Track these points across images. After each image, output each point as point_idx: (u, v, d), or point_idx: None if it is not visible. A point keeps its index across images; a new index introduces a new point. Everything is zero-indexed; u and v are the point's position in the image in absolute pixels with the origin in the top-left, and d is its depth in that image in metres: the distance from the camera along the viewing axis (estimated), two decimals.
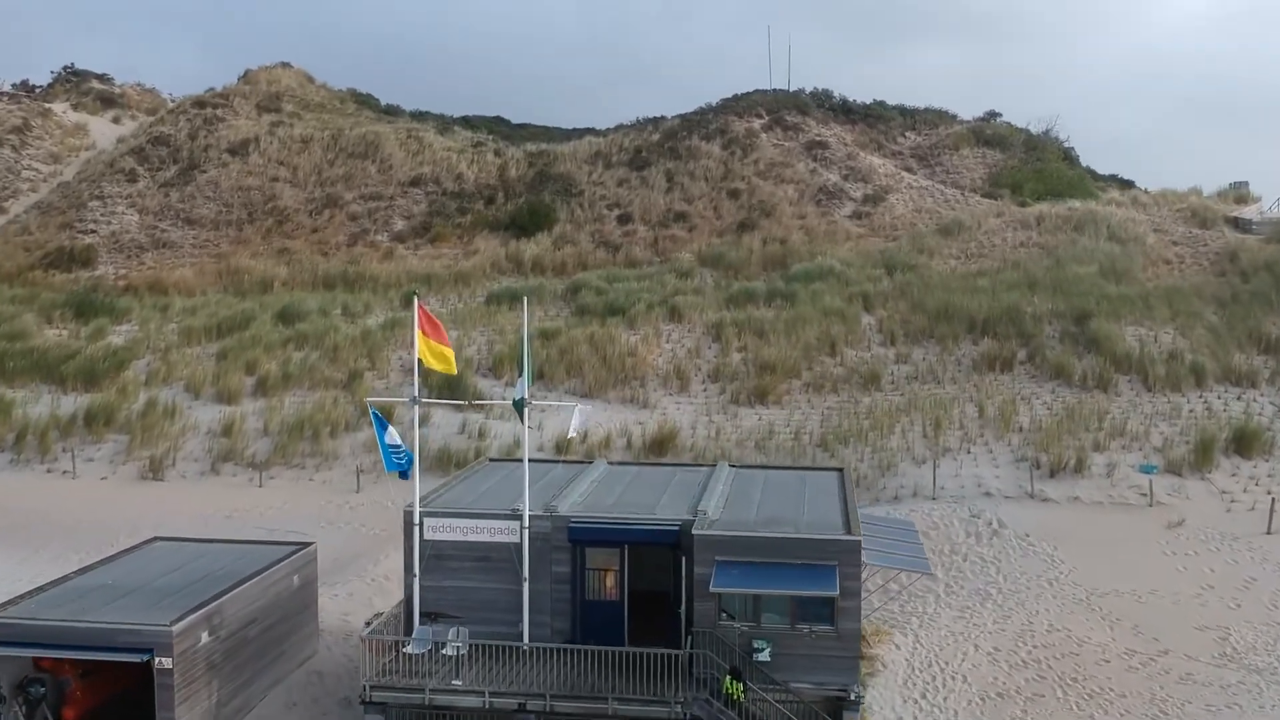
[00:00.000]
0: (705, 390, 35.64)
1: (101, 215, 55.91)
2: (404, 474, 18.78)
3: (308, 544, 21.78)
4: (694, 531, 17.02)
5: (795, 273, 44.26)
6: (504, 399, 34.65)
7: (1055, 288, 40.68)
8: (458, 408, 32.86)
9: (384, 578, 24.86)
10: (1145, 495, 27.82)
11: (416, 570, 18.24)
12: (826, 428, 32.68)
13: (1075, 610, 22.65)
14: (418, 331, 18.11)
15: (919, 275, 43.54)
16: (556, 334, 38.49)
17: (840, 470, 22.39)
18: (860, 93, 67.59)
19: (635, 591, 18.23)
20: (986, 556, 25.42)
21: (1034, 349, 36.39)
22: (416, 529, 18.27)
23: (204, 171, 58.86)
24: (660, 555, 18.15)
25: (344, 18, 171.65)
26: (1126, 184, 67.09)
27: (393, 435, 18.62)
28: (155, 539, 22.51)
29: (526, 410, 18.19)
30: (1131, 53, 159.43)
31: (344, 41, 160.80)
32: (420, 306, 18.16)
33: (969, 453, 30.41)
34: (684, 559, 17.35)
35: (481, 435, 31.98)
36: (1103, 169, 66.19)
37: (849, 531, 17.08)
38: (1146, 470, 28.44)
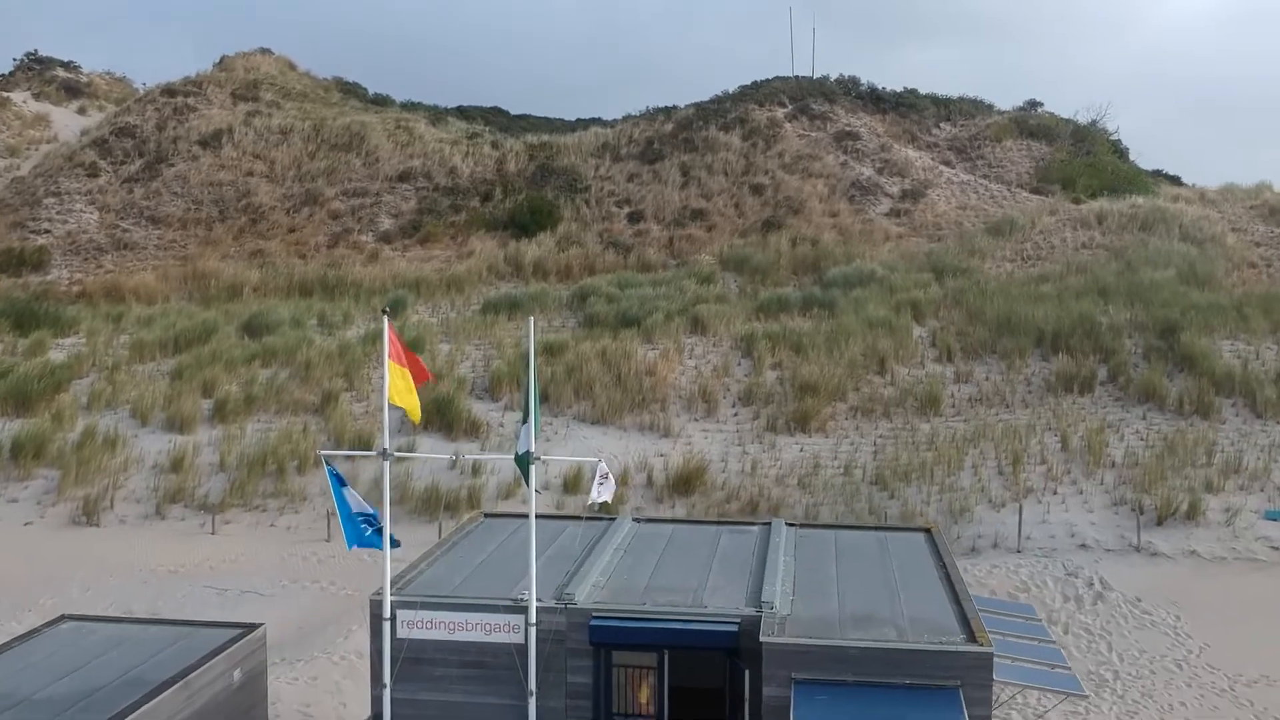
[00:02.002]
0: (736, 415, 31.41)
1: (57, 214, 51.76)
2: (374, 544, 14.66)
3: (254, 627, 17.55)
4: (763, 639, 12.80)
5: (832, 277, 40.08)
6: (501, 426, 30.55)
7: (1130, 295, 36.51)
8: (448, 448, 28.66)
9: (355, 654, 20.67)
10: (1278, 549, 23.62)
11: (387, 679, 14.02)
12: (881, 461, 28.48)
13: (1219, 704, 18.43)
14: (389, 362, 13.92)
15: (972, 280, 39.38)
16: (563, 348, 34.29)
17: (928, 531, 18.16)
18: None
19: (676, 689, 14.02)
20: (1093, 628, 21.22)
21: (1115, 367, 32.20)
22: (387, 624, 14.06)
23: (171, 165, 54.70)
24: (711, 660, 13.96)
25: (342, 16, 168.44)
26: (1173, 180, 63.21)
27: (356, 499, 14.45)
28: (63, 618, 18.28)
29: (534, 468, 13.98)
30: (1130, 53, 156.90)
31: (341, 40, 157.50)
32: (392, 330, 13.96)
33: (1055, 494, 26.19)
34: (746, 670, 13.16)
35: (476, 472, 27.77)
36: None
37: (973, 637, 12.86)
38: (1275, 517, 24.26)
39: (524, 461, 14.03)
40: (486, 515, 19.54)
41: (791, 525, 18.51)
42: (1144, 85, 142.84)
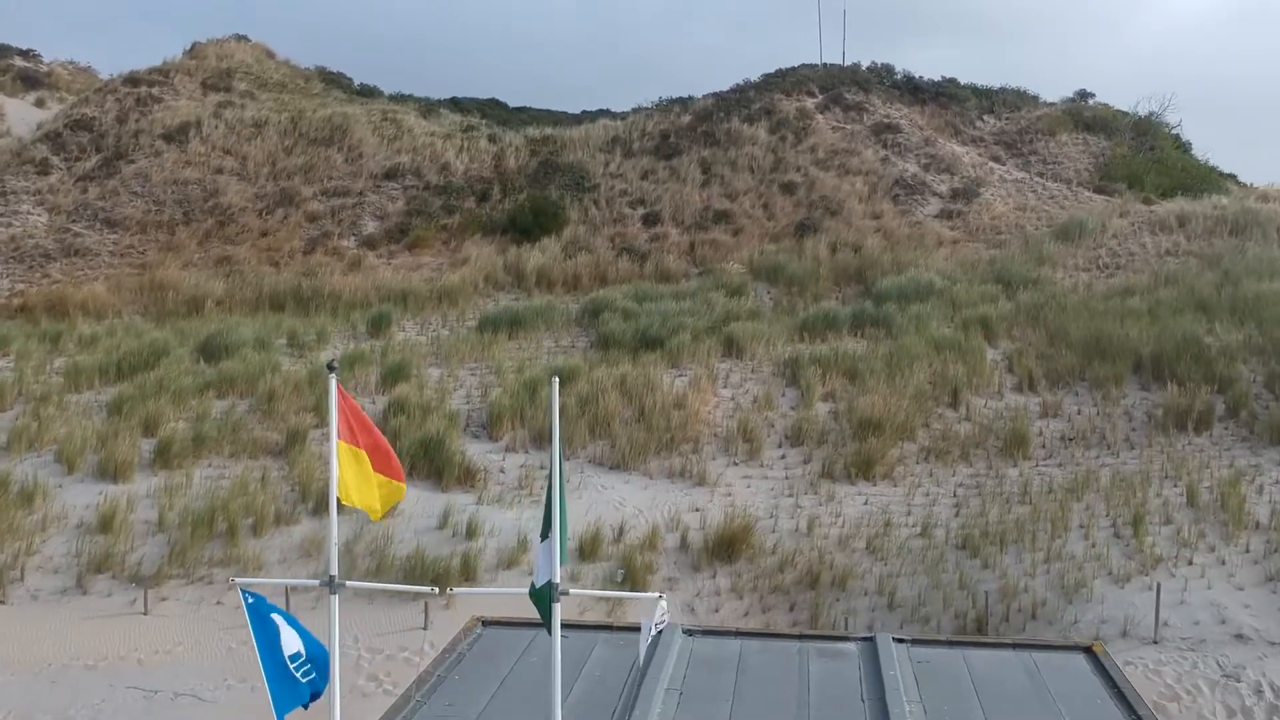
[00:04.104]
0: (784, 458, 26.87)
1: (1, 216, 47.21)
2: (314, 695, 10.17)
3: None
4: None
5: (884, 289, 35.58)
6: (502, 473, 26.02)
7: (1235, 311, 32.07)
8: (437, 500, 24.09)
9: None
10: None
11: None
12: (966, 518, 23.94)
13: None
14: (337, 441, 9.41)
15: (1046, 293, 34.91)
16: (574, 375, 29.76)
17: (1090, 651, 13.59)
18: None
19: None
20: None
21: (1234, 399, 27.69)
22: None
23: (132, 162, 50.17)
24: None
25: (342, 16, 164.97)
26: (1229, 178, 58.94)
27: (292, 640, 9.94)
28: None
29: (558, 605, 9.44)
30: (1130, 52, 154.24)
31: (339, 41, 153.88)
32: (341, 393, 9.45)
33: (1191, 564, 21.61)
34: None
35: (471, 532, 23.19)
36: None
37: None
38: None
39: (543, 597, 9.48)
40: (485, 624, 14.94)
41: (901, 642, 13.96)
42: (1145, 85, 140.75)
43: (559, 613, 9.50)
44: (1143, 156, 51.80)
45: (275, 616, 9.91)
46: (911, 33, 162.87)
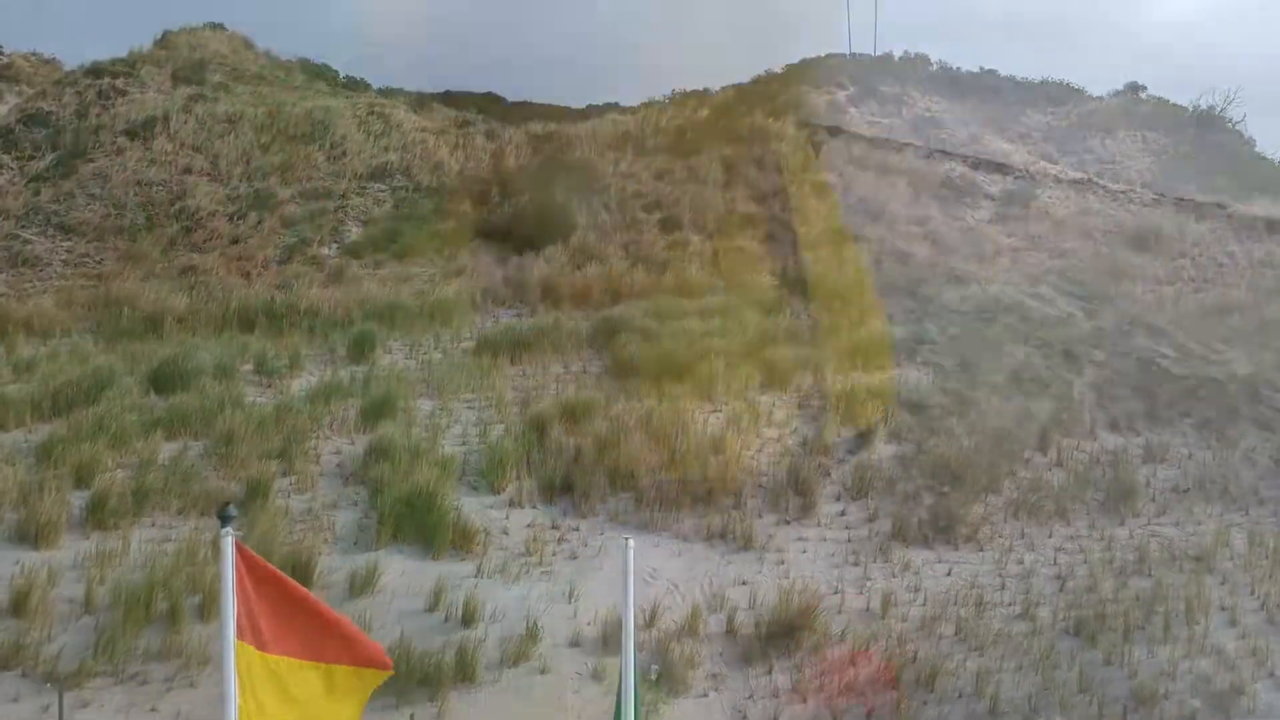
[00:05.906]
0: (844, 514, 22.87)
1: None
2: None
3: None
4: None
5: (942, 306, 31.66)
6: (505, 534, 22.06)
7: None
8: (428, 571, 20.08)
9: None
10: None
11: None
12: (1074, 593, 20.00)
13: None
14: (234, 643, 5.46)
15: (1129, 310, 31.04)
16: (589, 410, 25.80)
17: None
18: None
19: None
20: None
21: None
22: None
23: (90, 160, 46.11)
24: None
25: (343, 16, 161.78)
26: None
27: None
28: None
29: None
30: (1129, 50, 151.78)
31: (333, 38, 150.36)
32: (242, 557, 5.50)
33: None
34: None
35: (468, 617, 19.16)
36: None
37: None
38: None
39: None
40: None
41: None
42: (1145, 83, 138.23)
43: None
44: (1207, 156, 48.00)
45: None
46: (909, 29, 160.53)
